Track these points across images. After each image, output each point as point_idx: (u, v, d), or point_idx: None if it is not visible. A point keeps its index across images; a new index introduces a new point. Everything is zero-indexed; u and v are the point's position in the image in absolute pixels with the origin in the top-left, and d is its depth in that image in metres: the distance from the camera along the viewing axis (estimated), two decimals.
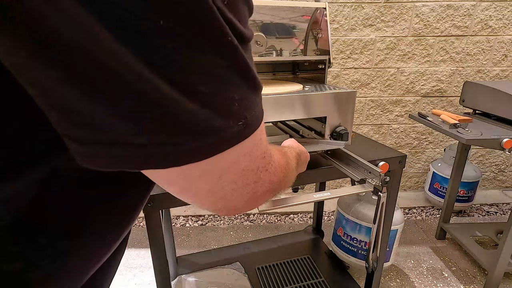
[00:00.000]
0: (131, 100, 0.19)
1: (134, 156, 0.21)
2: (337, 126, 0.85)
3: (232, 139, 0.23)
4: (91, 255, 0.30)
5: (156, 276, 0.83)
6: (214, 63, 0.21)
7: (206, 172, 0.24)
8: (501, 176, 2.24)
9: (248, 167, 0.26)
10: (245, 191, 0.28)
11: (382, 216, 0.81)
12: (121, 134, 0.20)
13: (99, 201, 0.28)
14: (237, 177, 0.26)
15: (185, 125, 0.21)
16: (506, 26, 1.85)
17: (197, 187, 0.25)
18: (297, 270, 1.35)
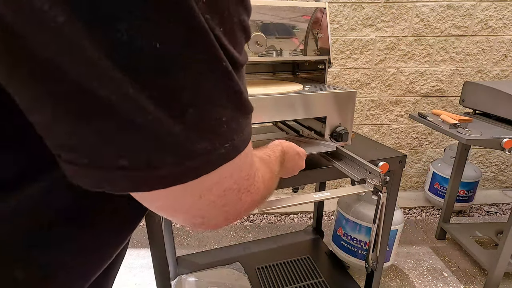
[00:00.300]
0: (114, 121, 0.18)
1: (116, 179, 0.20)
2: (337, 126, 0.85)
3: (217, 161, 0.23)
4: (93, 260, 0.30)
5: (156, 276, 0.83)
6: (206, 87, 0.20)
7: (187, 192, 0.24)
8: (501, 176, 2.24)
9: (230, 188, 0.26)
10: (224, 209, 0.27)
11: (382, 216, 0.81)
12: (103, 156, 0.19)
13: (102, 206, 0.28)
14: (217, 197, 0.26)
15: (170, 148, 0.20)
16: (506, 26, 1.85)
17: (176, 206, 0.25)
18: (297, 270, 1.35)
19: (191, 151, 0.21)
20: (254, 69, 1.11)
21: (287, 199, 0.65)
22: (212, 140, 0.22)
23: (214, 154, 0.22)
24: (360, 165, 0.72)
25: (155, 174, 0.20)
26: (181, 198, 0.24)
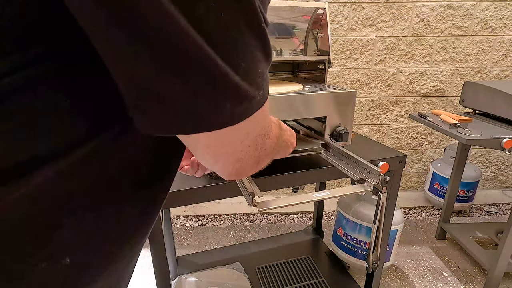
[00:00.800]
0: (193, 71, 0.23)
1: (192, 121, 0.25)
2: (337, 126, 0.85)
3: (255, 106, 0.28)
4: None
5: (156, 276, 0.83)
6: (251, 44, 0.25)
7: (234, 136, 0.29)
8: (501, 176, 2.24)
9: (259, 133, 0.32)
10: (254, 154, 0.33)
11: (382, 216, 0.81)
12: (180, 101, 0.23)
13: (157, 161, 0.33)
14: (251, 142, 0.31)
15: (232, 93, 0.25)
16: (506, 26, 1.85)
17: (224, 149, 0.30)
18: (297, 270, 1.35)
19: (244, 96, 0.26)
20: None
21: (287, 199, 0.65)
22: (254, 88, 0.27)
23: (255, 100, 0.27)
24: (360, 165, 0.72)
25: (220, 115, 0.25)
26: (229, 141, 0.29)
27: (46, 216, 0.25)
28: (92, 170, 0.27)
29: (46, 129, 0.24)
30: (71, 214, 0.27)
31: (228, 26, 0.23)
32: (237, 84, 0.25)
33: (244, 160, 0.32)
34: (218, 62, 0.23)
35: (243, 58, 0.25)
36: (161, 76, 0.22)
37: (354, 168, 0.74)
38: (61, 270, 0.27)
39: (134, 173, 0.31)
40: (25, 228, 0.25)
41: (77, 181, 0.26)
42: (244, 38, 0.25)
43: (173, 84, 0.23)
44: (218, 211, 2.03)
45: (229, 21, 0.23)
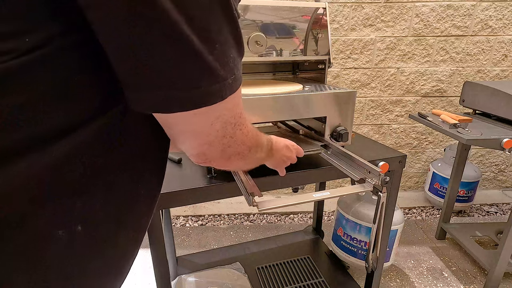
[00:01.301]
0: (173, 50, 0.25)
1: (171, 99, 0.27)
2: (337, 126, 0.85)
3: (227, 89, 0.30)
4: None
5: (156, 276, 0.83)
6: (225, 29, 0.28)
7: (206, 117, 0.31)
8: (501, 176, 2.24)
9: (228, 120, 0.33)
10: (222, 141, 0.35)
11: (382, 216, 0.81)
12: (163, 78, 0.26)
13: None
14: (221, 126, 0.33)
15: (207, 73, 0.27)
16: (506, 26, 1.85)
17: (194, 130, 0.32)
18: (297, 270, 1.35)
19: (217, 76, 0.28)
20: (254, 69, 1.11)
21: (287, 199, 0.65)
22: (226, 70, 0.29)
23: (227, 82, 0.29)
24: (360, 165, 0.72)
25: (195, 94, 0.28)
26: (199, 122, 0.31)
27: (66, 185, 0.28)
28: (103, 142, 0.29)
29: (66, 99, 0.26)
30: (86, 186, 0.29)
31: (205, 8, 0.26)
32: (211, 63, 0.27)
33: (212, 144, 0.34)
34: (195, 41, 0.26)
35: (217, 40, 0.28)
36: (148, 52, 0.25)
37: (354, 168, 0.74)
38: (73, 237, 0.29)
39: (140, 144, 0.33)
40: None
41: (90, 153, 0.28)
42: (219, 21, 0.27)
43: (157, 58, 0.25)
44: (218, 211, 2.03)
45: (207, 4, 0.26)
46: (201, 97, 0.28)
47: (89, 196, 0.29)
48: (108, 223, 0.32)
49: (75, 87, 0.26)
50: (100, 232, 0.31)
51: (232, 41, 0.29)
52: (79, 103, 0.27)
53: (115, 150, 0.30)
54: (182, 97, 0.27)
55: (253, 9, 0.83)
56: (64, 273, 0.29)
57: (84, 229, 0.29)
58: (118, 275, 0.36)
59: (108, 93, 0.28)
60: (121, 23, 0.24)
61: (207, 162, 0.37)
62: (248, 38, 0.83)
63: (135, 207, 0.35)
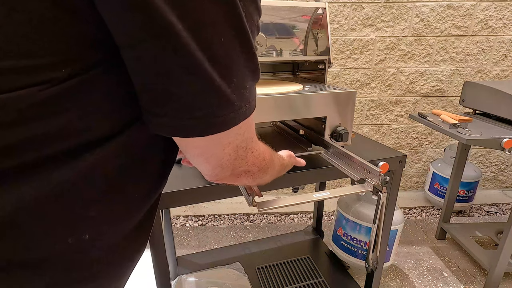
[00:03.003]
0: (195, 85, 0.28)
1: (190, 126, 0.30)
2: (337, 126, 0.85)
3: (241, 116, 0.32)
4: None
5: (156, 276, 0.83)
6: (243, 64, 0.31)
7: (219, 142, 0.33)
8: (501, 176, 2.24)
9: (240, 145, 0.36)
10: (234, 163, 0.37)
11: (382, 216, 0.81)
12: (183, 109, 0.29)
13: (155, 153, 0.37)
14: (233, 150, 0.35)
15: (225, 104, 0.30)
16: (506, 26, 1.85)
17: (209, 154, 0.35)
18: (297, 270, 1.35)
19: (233, 106, 0.31)
20: None
21: (287, 199, 0.65)
22: (242, 100, 0.32)
23: (241, 110, 0.32)
24: (360, 165, 0.72)
25: (213, 122, 0.30)
26: (212, 147, 0.34)
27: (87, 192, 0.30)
28: (122, 155, 0.32)
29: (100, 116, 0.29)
30: (103, 196, 0.31)
31: (227, 49, 0.29)
32: (229, 96, 0.30)
33: (224, 166, 0.37)
34: (215, 77, 0.28)
35: (236, 75, 0.30)
36: (170, 87, 0.28)
37: (354, 168, 0.74)
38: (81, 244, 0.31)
39: (154, 158, 0.36)
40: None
41: (111, 166, 0.31)
42: (238, 60, 0.30)
43: (179, 93, 0.28)
44: (218, 211, 2.03)
45: (228, 46, 0.29)
46: (217, 125, 0.31)
47: (102, 206, 0.32)
48: (114, 235, 0.34)
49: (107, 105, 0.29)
50: (105, 242, 0.33)
51: (249, 74, 0.32)
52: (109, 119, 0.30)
53: (131, 163, 0.33)
54: (200, 124, 0.30)
55: None
56: (70, 277, 0.31)
57: (91, 237, 0.31)
58: (118, 281, 0.39)
59: (131, 111, 0.31)
60: (151, 62, 0.26)
61: (219, 181, 0.40)
62: None
63: (139, 219, 0.37)
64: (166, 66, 0.27)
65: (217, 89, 0.29)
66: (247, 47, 0.30)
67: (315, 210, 1.62)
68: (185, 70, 0.27)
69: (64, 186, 0.28)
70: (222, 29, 0.28)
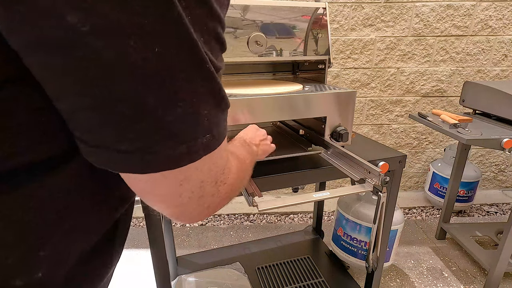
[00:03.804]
0: (123, 110, 0.22)
1: (117, 160, 0.24)
2: (337, 126, 0.85)
3: (199, 151, 0.26)
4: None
5: (156, 276, 0.83)
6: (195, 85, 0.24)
7: (169, 179, 0.27)
8: (501, 176, 2.24)
9: (207, 180, 0.29)
10: (201, 202, 0.30)
11: (382, 216, 0.81)
12: (109, 141, 0.23)
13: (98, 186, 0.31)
14: (195, 188, 0.29)
15: (166, 135, 0.24)
16: (506, 26, 1.85)
17: (157, 192, 0.28)
18: (297, 270, 1.35)
19: (181, 138, 0.25)
20: (254, 69, 1.11)
21: (287, 199, 0.65)
22: (197, 131, 0.25)
23: (197, 143, 0.26)
24: (360, 165, 0.72)
25: (152, 159, 0.24)
26: (162, 184, 0.27)
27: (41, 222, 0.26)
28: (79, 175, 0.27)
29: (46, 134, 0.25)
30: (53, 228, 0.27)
31: (169, 68, 0.23)
32: (170, 126, 0.24)
33: (187, 205, 0.30)
34: (149, 100, 0.22)
35: (183, 99, 0.24)
36: (92, 116, 0.22)
37: (354, 168, 0.74)
38: None
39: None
40: None
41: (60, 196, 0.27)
42: (186, 79, 0.24)
43: (99, 121, 0.23)
44: (218, 211, 2.03)
45: (163, 55, 0.22)
46: (157, 162, 0.24)
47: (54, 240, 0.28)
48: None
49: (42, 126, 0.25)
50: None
51: (209, 98, 0.26)
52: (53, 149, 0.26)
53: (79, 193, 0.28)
54: (133, 159, 0.24)
55: (253, 9, 0.83)
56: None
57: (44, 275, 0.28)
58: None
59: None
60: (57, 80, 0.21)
61: (188, 221, 0.33)
62: (248, 38, 0.83)
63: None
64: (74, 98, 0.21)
65: (150, 116, 0.22)
66: (197, 60, 0.24)
67: (315, 210, 1.62)
68: (99, 93, 0.21)
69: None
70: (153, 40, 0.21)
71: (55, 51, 0.20)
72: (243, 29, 0.83)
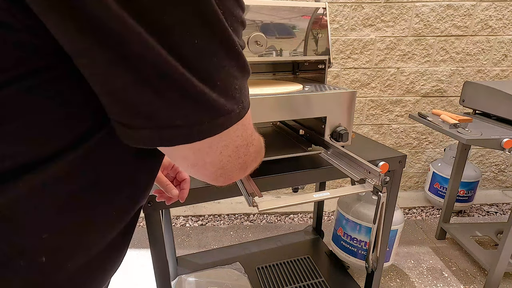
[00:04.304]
0: (172, 91, 0.25)
1: (173, 135, 0.27)
2: (337, 126, 0.85)
3: (234, 119, 0.30)
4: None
5: (156, 276, 0.83)
6: (226, 64, 0.28)
7: (212, 147, 0.31)
8: (501, 176, 2.24)
9: (240, 144, 0.34)
10: (238, 161, 0.35)
11: (382, 216, 0.81)
12: (161, 117, 0.26)
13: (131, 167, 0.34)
14: (232, 152, 0.33)
15: (209, 109, 0.27)
16: (506, 26, 1.85)
17: (204, 161, 0.32)
18: (297, 270, 1.35)
19: (221, 111, 0.28)
20: (254, 69, 1.11)
21: (287, 199, 0.65)
22: (232, 103, 0.29)
23: (233, 113, 0.29)
24: (360, 165, 0.72)
25: (198, 129, 0.27)
26: (207, 152, 0.31)
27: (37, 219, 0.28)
28: (80, 173, 0.29)
29: (44, 132, 0.26)
30: (58, 217, 0.29)
31: (202, 51, 0.26)
32: (215, 100, 0.27)
33: (227, 167, 0.34)
34: (194, 82, 0.25)
35: (218, 77, 0.27)
36: (143, 97, 0.25)
37: (354, 168, 0.74)
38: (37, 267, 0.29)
39: (118, 177, 0.33)
40: None
41: (65, 185, 0.28)
42: (218, 60, 0.27)
43: (154, 103, 0.25)
44: (218, 211, 2.03)
45: (204, 47, 0.26)
46: (203, 131, 0.28)
47: (60, 228, 0.30)
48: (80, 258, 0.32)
49: (53, 118, 0.26)
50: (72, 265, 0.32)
51: (237, 73, 0.29)
52: (59, 132, 0.27)
53: (90, 185, 0.30)
54: (182, 133, 0.27)
55: (253, 9, 0.83)
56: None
57: (48, 261, 0.29)
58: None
59: (88, 122, 0.28)
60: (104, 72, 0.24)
61: (227, 181, 0.37)
62: (248, 38, 0.83)
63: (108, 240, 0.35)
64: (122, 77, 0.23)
65: (198, 95, 0.26)
66: (229, 45, 0.28)
67: (315, 210, 1.62)
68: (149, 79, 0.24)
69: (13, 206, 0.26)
70: (194, 29, 0.24)
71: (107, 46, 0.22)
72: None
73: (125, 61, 0.23)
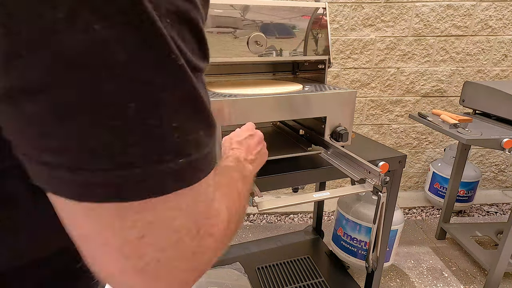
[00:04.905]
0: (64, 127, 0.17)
1: (57, 180, 0.18)
2: (337, 126, 0.85)
3: (167, 179, 0.17)
4: None
5: None
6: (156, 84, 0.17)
7: (120, 218, 0.17)
8: (501, 176, 2.24)
9: (185, 227, 0.19)
10: (175, 265, 0.20)
11: (382, 216, 0.81)
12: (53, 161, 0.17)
13: None
14: (168, 243, 0.19)
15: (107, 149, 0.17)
16: (506, 26, 1.85)
17: (104, 238, 0.18)
18: (297, 270, 1.35)
19: (127, 156, 0.16)
20: (254, 69, 1.11)
21: (287, 199, 0.65)
22: (158, 148, 0.17)
23: (161, 167, 0.17)
24: (360, 165, 0.72)
25: (90, 180, 0.17)
26: (109, 226, 0.17)
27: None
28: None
29: None
30: None
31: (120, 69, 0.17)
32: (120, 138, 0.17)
33: (153, 275, 0.19)
34: None
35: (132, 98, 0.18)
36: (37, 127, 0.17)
37: (354, 168, 0.74)
38: None
39: None
40: None
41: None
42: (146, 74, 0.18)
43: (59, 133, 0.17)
44: None
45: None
46: (92, 186, 0.17)
47: None
48: None
49: None
50: None
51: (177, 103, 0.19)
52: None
53: None
54: (72, 181, 0.17)
55: (253, 9, 0.83)
56: None
57: None
58: None
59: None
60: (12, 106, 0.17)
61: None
62: (248, 38, 0.83)
63: None
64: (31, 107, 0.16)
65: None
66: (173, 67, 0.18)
67: (315, 210, 1.62)
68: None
69: None
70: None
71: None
72: (243, 29, 0.83)
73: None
